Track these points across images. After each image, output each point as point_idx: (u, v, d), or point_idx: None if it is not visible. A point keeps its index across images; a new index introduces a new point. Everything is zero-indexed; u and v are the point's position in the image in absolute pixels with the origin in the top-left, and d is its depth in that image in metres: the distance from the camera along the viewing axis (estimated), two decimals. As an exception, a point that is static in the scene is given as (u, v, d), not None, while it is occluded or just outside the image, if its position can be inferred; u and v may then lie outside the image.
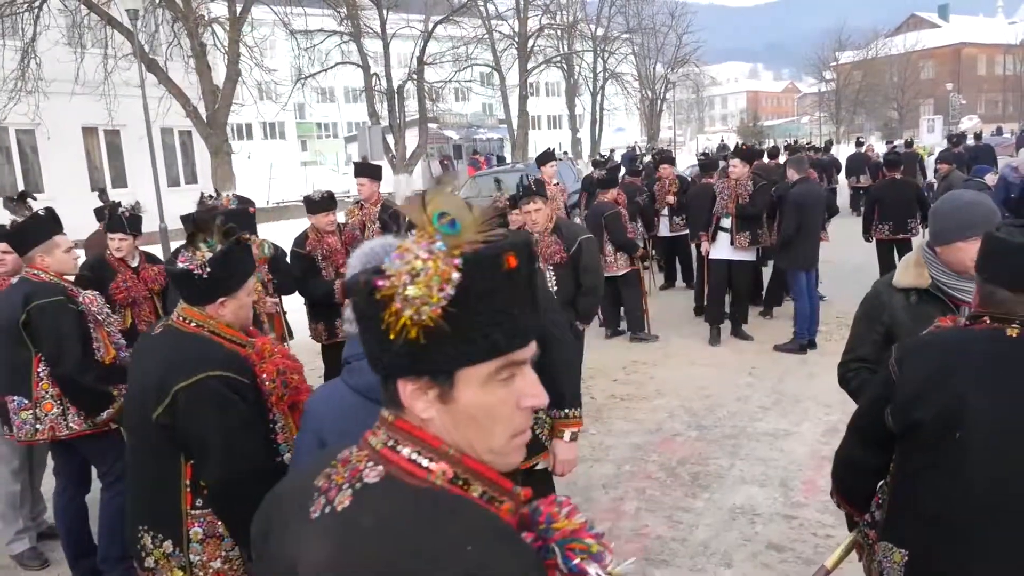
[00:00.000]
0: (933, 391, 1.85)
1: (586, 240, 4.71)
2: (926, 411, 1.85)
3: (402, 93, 21.40)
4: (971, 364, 1.84)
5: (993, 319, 1.86)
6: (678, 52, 35.56)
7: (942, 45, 66.16)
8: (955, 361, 1.87)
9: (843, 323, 7.88)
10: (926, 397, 1.86)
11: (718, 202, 7.31)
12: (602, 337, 8.04)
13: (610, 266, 7.68)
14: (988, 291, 1.87)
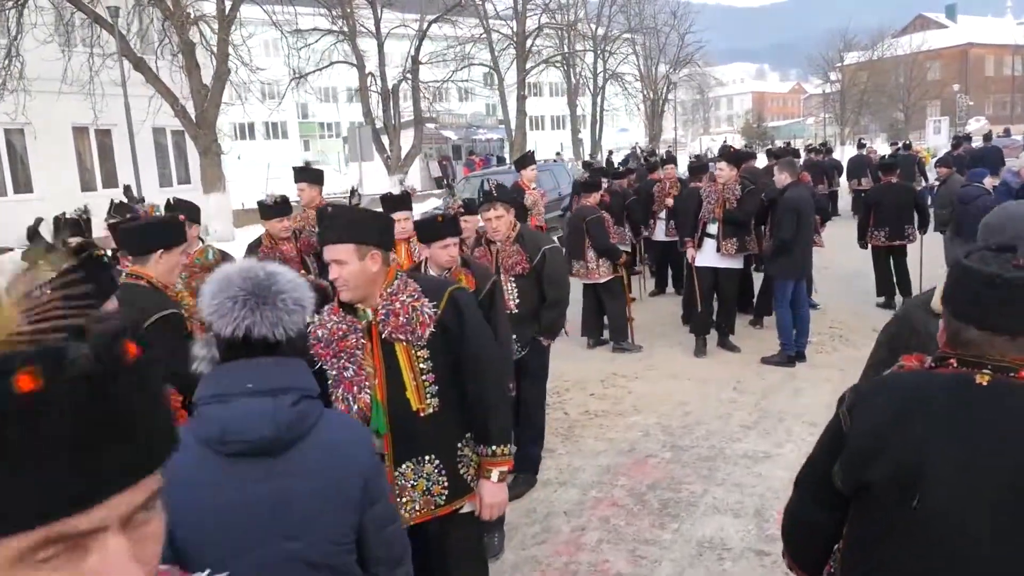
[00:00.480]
0: (886, 447, 1.55)
1: (550, 250, 4.41)
2: (878, 471, 1.55)
3: (397, 93, 21.11)
4: (932, 416, 1.54)
5: (961, 362, 1.55)
6: (680, 52, 35.19)
7: (949, 46, 65.56)
8: (913, 411, 1.56)
9: (836, 333, 7.56)
10: (878, 454, 1.55)
11: (704, 207, 6.99)
12: (584, 347, 7.73)
13: (592, 273, 7.38)
14: (955, 329, 1.56)
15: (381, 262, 2.44)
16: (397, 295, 2.45)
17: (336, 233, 2.42)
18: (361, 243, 2.40)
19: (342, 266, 2.41)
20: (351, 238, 2.40)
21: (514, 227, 4.45)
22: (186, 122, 16.17)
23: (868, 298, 9.08)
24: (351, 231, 2.41)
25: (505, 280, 4.40)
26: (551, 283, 4.38)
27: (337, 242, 2.41)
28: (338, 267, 2.42)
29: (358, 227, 2.43)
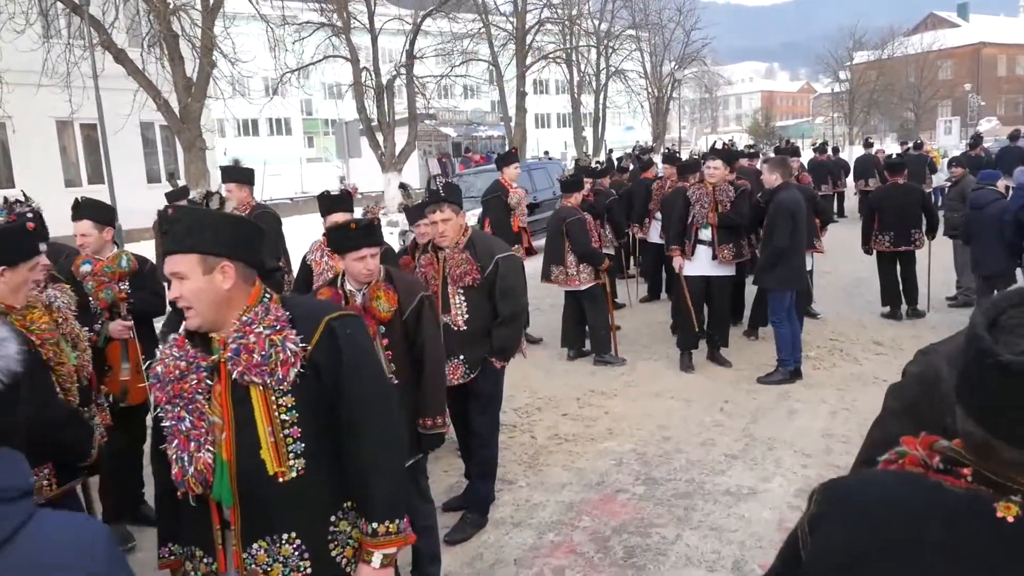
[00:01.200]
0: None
1: (505, 259, 3.85)
2: None
3: (391, 88, 20.55)
4: (924, 553, 0.99)
5: (978, 476, 1.00)
6: (686, 49, 34.52)
7: (961, 45, 64.60)
8: (899, 543, 1.01)
9: (836, 347, 6.99)
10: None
11: (696, 210, 6.38)
12: (563, 358, 7.18)
13: (572, 279, 6.82)
14: (979, 438, 1.00)
15: (236, 278, 1.90)
16: (252, 325, 1.89)
17: (176, 240, 1.89)
18: (207, 253, 1.86)
19: (182, 282, 1.88)
20: (194, 246, 1.86)
21: (464, 232, 3.90)
22: (169, 116, 15.66)
23: (871, 307, 8.50)
24: (195, 237, 1.88)
25: (453, 292, 3.85)
26: (504, 296, 3.83)
27: (176, 251, 1.87)
28: (178, 283, 1.89)
29: (205, 232, 1.89)
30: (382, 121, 20.60)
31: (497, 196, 7.49)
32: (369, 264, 3.03)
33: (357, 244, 3.01)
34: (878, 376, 6.18)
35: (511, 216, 7.46)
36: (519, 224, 7.51)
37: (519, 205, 7.46)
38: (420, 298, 3.15)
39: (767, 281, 6.02)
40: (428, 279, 3.92)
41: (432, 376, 3.18)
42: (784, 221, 5.82)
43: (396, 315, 3.09)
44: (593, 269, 6.82)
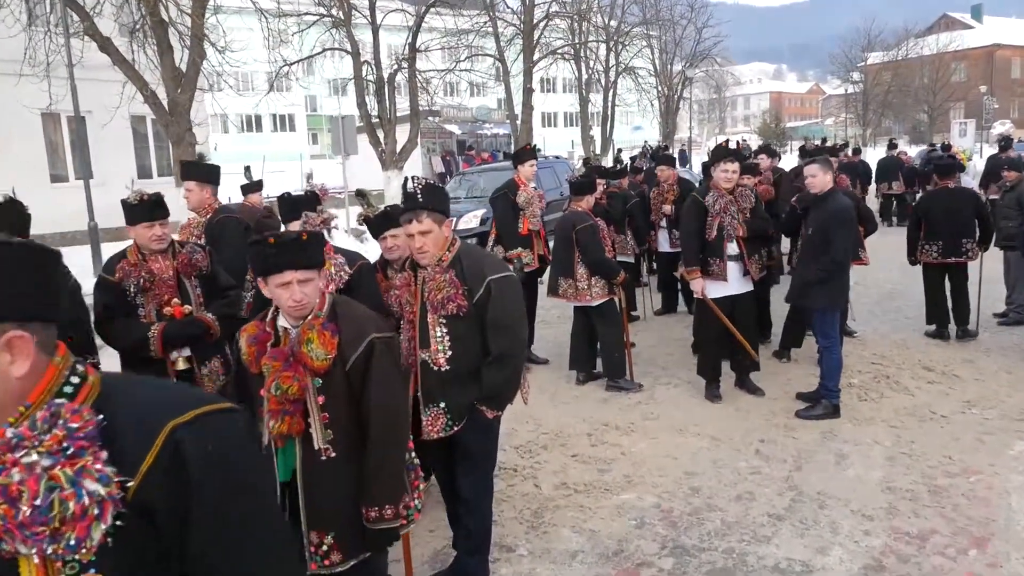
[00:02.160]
0: None
1: (499, 281, 3.04)
2: None
3: (393, 83, 19.74)
4: None
5: None
6: (697, 47, 33.63)
7: (975, 46, 63.57)
8: None
9: (880, 372, 6.16)
10: None
11: (725, 221, 5.48)
12: (572, 382, 6.37)
13: (582, 294, 6.01)
14: None
15: (23, 356, 1.10)
16: (19, 449, 1.07)
17: None
18: None
19: None
20: None
21: (449, 246, 3.09)
22: (156, 109, 14.88)
23: (911, 324, 7.67)
24: None
25: (433, 323, 3.04)
26: (498, 329, 3.01)
27: None
28: None
29: None
30: (383, 117, 19.80)
31: (504, 194, 6.69)
32: (296, 293, 2.25)
33: (278, 265, 2.22)
34: (935, 410, 5.36)
35: (519, 217, 6.66)
36: (529, 226, 6.71)
37: (529, 205, 6.66)
38: (369, 342, 2.35)
39: (817, 299, 5.17)
40: (403, 305, 3.12)
41: (380, 450, 2.41)
42: (844, 231, 5.01)
43: (337, 364, 2.30)
44: (606, 283, 6.00)
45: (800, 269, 5.24)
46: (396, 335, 2.44)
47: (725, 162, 5.49)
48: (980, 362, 6.45)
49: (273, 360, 2.34)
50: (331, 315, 2.37)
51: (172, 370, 3.69)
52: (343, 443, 2.35)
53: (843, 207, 5.08)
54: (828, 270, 5.03)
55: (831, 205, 5.07)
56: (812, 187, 5.17)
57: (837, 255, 5.01)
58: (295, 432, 2.36)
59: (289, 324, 2.35)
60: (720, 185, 5.53)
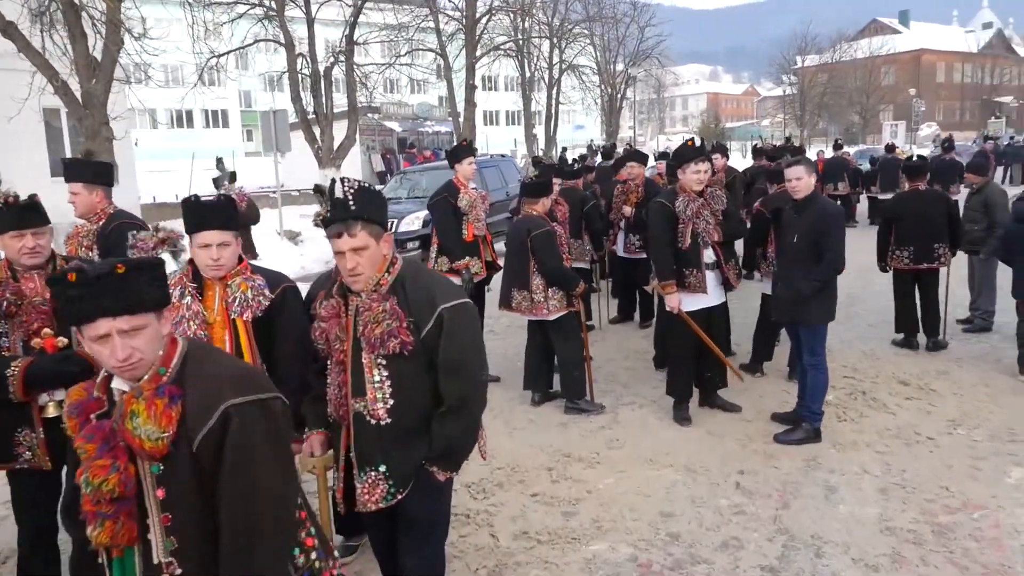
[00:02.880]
0: None
1: (452, 310, 2.40)
2: None
3: (329, 78, 18.81)
4: None
5: None
6: (640, 46, 33.51)
7: (903, 51, 65.69)
8: None
9: (855, 387, 5.77)
10: None
11: (699, 226, 4.97)
12: (527, 403, 5.78)
13: (538, 307, 5.43)
14: None
15: None
16: None
17: None
18: None
19: None
20: None
21: (390, 266, 2.45)
22: (68, 100, 13.69)
23: (876, 332, 7.35)
24: None
25: (370, 364, 2.39)
26: (452, 371, 2.39)
27: None
28: None
29: None
30: (319, 113, 18.86)
31: (443, 199, 6.06)
32: (118, 349, 1.61)
33: (87, 313, 1.61)
34: (920, 431, 4.97)
35: (463, 222, 6.04)
36: (474, 231, 6.09)
37: (472, 208, 6.05)
38: (223, 412, 1.69)
39: (811, 314, 4.70)
40: (331, 341, 2.47)
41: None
42: (839, 234, 4.58)
43: (180, 445, 1.66)
44: (565, 294, 5.44)
45: (786, 283, 4.76)
46: (278, 399, 1.74)
47: (696, 162, 4.97)
48: (955, 374, 6.12)
49: (86, 441, 1.68)
50: (178, 375, 1.71)
51: (39, 418, 2.96)
52: (195, 555, 1.69)
53: (835, 209, 4.68)
54: (824, 279, 4.57)
55: (820, 208, 4.62)
56: (797, 191, 4.69)
57: (836, 262, 4.55)
58: (123, 542, 1.69)
59: (125, 387, 1.69)
60: (690, 187, 5.02)
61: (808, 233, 4.62)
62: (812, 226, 4.60)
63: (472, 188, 6.18)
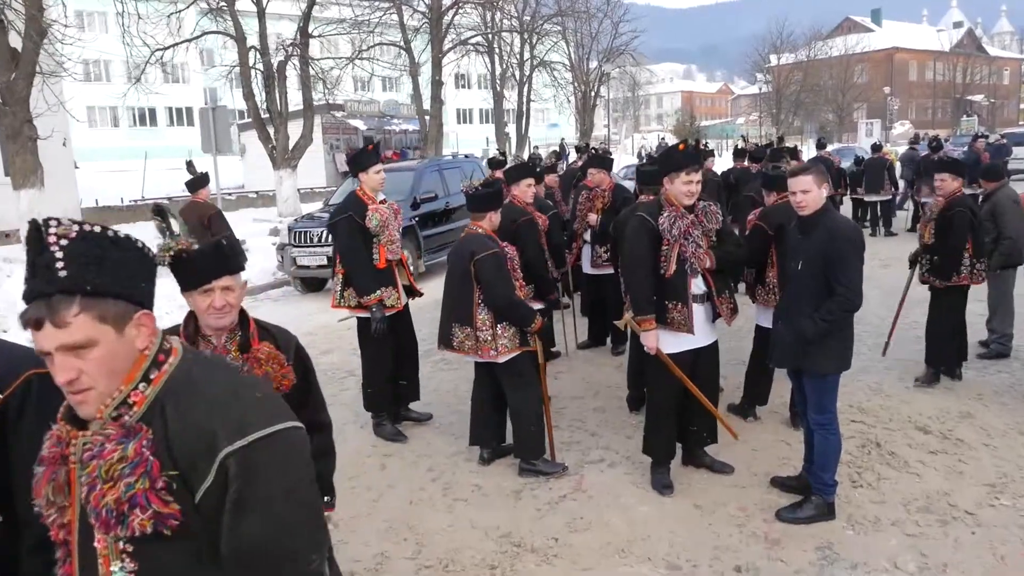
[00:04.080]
0: None
1: (247, 453, 1.32)
2: None
3: (283, 73, 17.61)
4: None
5: None
6: (613, 42, 32.58)
7: (876, 49, 65.63)
8: None
9: (867, 436, 4.83)
10: None
11: (688, 250, 3.97)
12: (474, 461, 4.76)
13: (484, 347, 4.41)
14: None
15: None
16: None
17: None
18: None
19: None
20: None
21: (151, 369, 1.38)
22: (-16, 97, 12.43)
23: (879, 359, 6.41)
24: None
25: (106, 554, 1.33)
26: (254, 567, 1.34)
27: None
28: None
29: None
30: (272, 110, 17.67)
31: (348, 217, 4.99)
32: None
33: None
34: (954, 502, 4.02)
35: (375, 244, 4.99)
36: (388, 256, 5.05)
37: (384, 228, 4.99)
38: None
39: (821, 361, 3.72)
40: (49, 505, 1.41)
41: None
42: (856, 262, 3.60)
43: None
44: (517, 331, 4.42)
45: (788, 320, 3.78)
46: None
47: (688, 171, 3.96)
48: (980, 416, 5.19)
49: None
50: None
51: None
52: None
53: (852, 229, 3.67)
54: (835, 319, 3.60)
55: (833, 228, 3.61)
56: (803, 207, 3.69)
57: (851, 297, 3.56)
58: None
59: None
60: (679, 201, 4.02)
61: (816, 259, 3.63)
62: (821, 251, 3.61)
63: (382, 201, 5.12)
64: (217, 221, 8.32)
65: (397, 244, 5.16)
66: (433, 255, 11.99)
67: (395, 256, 5.15)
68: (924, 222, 5.82)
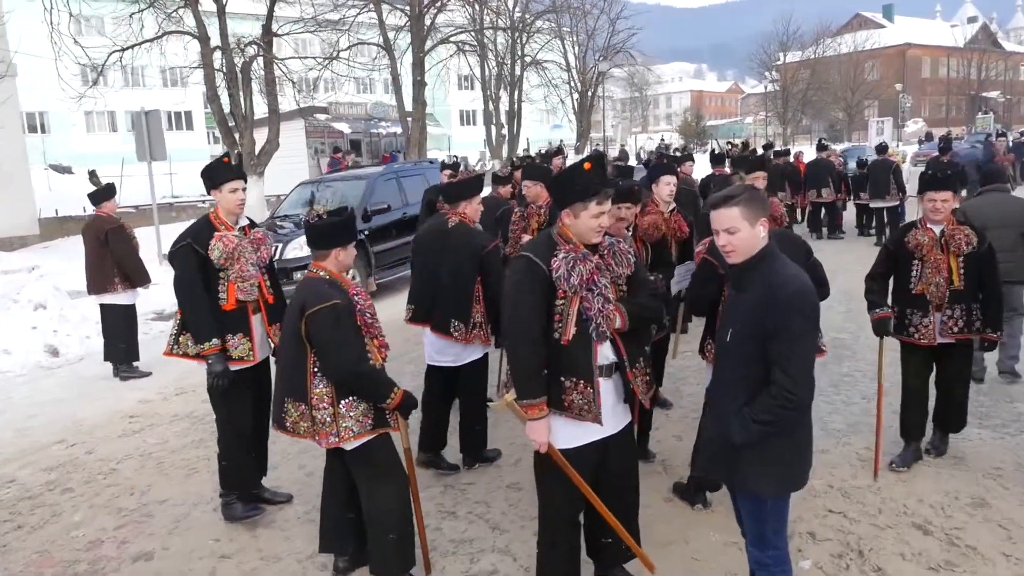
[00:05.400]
0: None
1: None
2: None
3: (248, 74, 16.56)
4: None
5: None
6: (611, 40, 31.37)
7: (888, 45, 64.05)
8: None
9: (847, 539, 3.67)
10: None
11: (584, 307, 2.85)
12: (329, 573, 3.62)
13: (323, 431, 3.26)
14: None
15: None
16: None
17: None
18: None
19: None
20: None
21: None
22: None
23: (869, 410, 5.21)
24: None
25: None
26: None
27: None
28: None
29: None
30: (236, 114, 16.62)
31: (187, 245, 3.95)
32: None
33: None
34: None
35: (219, 282, 3.91)
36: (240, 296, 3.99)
37: (233, 260, 3.97)
38: None
39: (756, 478, 2.52)
40: None
41: None
42: (807, 332, 2.42)
43: None
44: (371, 407, 3.28)
45: (717, 414, 2.62)
46: None
47: (598, 199, 2.82)
48: (997, 503, 4.00)
49: None
50: None
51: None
52: None
53: (800, 286, 2.43)
54: (775, 418, 2.43)
55: (775, 282, 2.44)
56: (730, 253, 2.52)
57: (795, 386, 2.38)
58: None
59: None
60: (582, 238, 2.89)
61: (749, 328, 2.48)
62: (756, 317, 2.45)
63: (239, 229, 4.01)
64: (115, 236, 7.28)
65: (252, 282, 4.05)
66: (387, 272, 10.91)
67: (248, 296, 4.04)
68: (932, 266, 4.20)
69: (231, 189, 4.01)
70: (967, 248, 4.11)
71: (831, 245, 13.25)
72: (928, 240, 4.17)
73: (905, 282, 4.25)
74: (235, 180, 4.03)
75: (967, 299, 4.15)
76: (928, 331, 4.22)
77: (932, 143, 28.74)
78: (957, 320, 4.15)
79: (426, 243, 4.66)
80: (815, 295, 2.48)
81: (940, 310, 4.17)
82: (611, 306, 2.91)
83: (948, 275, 4.10)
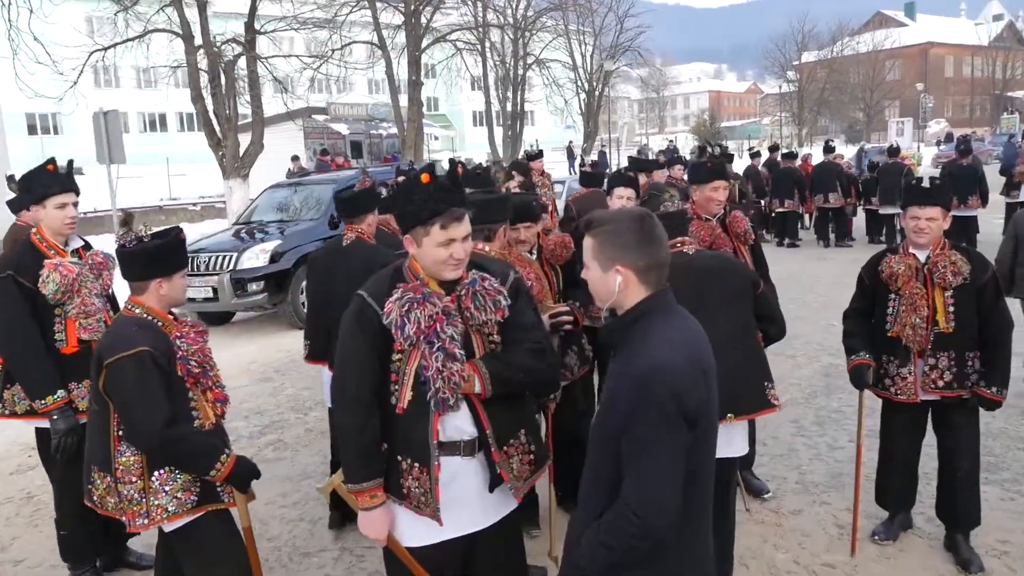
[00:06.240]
0: None
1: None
2: None
3: (232, 73, 16.02)
4: None
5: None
6: (618, 39, 30.57)
7: (909, 44, 62.64)
8: None
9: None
10: None
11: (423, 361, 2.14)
12: None
13: (129, 511, 2.57)
14: None
15: None
16: None
17: None
18: None
19: None
20: None
21: None
22: None
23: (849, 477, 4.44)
24: None
25: None
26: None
27: None
28: None
29: None
30: (220, 114, 16.08)
31: (6, 278, 3.23)
32: None
33: None
34: None
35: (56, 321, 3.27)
36: (82, 335, 3.31)
37: (73, 292, 3.31)
38: None
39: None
40: None
41: None
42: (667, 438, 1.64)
43: None
44: (194, 480, 2.59)
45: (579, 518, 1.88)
46: None
47: (446, 223, 2.13)
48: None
49: None
50: None
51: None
52: None
53: (663, 362, 1.65)
54: (624, 545, 1.68)
55: (635, 350, 1.71)
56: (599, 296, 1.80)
57: (644, 508, 1.63)
58: None
59: None
60: (430, 269, 2.23)
61: (604, 411, 1.79)
62: (610, 397, 1.76)
63: (72, 253, 3.34)
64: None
65: (97, 317, 3.37)
66: (356, 284, 10.25)
67: (94, 334, 3.35)
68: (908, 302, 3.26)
69: (58, 205, 3.29)
70: (955, 280, 3.15)
71: (839, 254, 12.41)
72: (905, 269, 3.24)
73: (881, 321, 3.35)
74: (63, 194, 3.31)
75: (959, 345, 3.19)
76: (907, 385, 3.29)
77: (952, 144, 27.74)
78: (943, 372, 3.20)
79: (320, 266, 3.98)
80: (689, 377, 1.69)
81: (923, 357, 3.25)
82: (458, 365, 2.17)
83: (931, 313, 3.18)
